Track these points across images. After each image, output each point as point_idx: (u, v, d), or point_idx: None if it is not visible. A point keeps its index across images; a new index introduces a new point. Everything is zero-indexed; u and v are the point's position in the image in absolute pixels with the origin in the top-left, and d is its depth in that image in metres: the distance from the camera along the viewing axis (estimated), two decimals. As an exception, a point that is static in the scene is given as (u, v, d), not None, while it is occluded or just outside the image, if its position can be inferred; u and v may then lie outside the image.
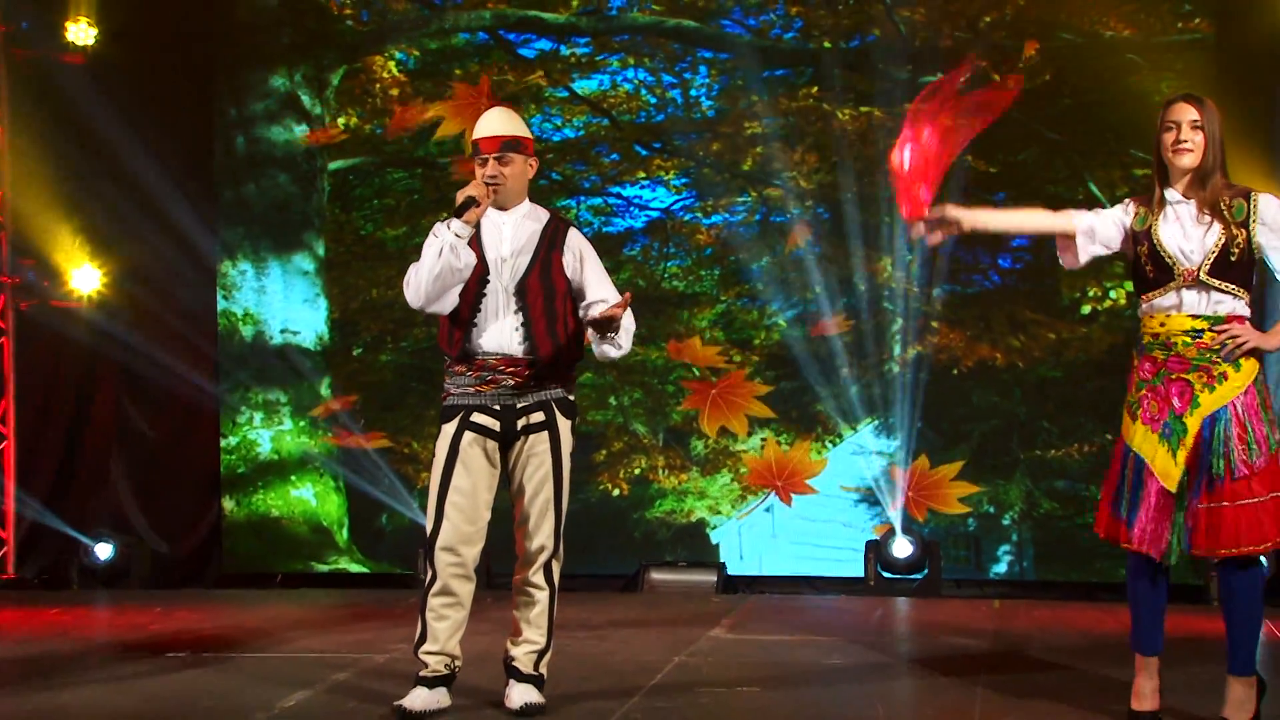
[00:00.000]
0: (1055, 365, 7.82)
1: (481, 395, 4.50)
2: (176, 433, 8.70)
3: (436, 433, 4.56)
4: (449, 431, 4.50)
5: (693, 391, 8.21)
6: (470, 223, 4.42)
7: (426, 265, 4.42)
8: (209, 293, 8.60)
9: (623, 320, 4.42)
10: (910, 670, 5.48)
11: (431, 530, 4.47)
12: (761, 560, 8.14)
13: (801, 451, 8.06)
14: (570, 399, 4.62)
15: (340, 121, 8.55)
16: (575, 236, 4.62)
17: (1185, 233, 4.17)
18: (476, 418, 4.49)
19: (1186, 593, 6.82)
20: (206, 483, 8.65)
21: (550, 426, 4.53)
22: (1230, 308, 4.15)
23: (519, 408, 4.50)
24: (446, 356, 4.60)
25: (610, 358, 4.54)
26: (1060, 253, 4.42)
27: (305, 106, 8.59)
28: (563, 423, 4.55)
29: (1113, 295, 7.65)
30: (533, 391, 4.51)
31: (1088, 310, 7.73)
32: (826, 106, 8.03)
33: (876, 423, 7.97)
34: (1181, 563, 4.28)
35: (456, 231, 4.39)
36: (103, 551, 8.31)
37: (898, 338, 7.94)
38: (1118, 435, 4.28)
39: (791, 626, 6.51)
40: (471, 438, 4.49)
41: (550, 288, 4.53)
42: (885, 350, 7.97)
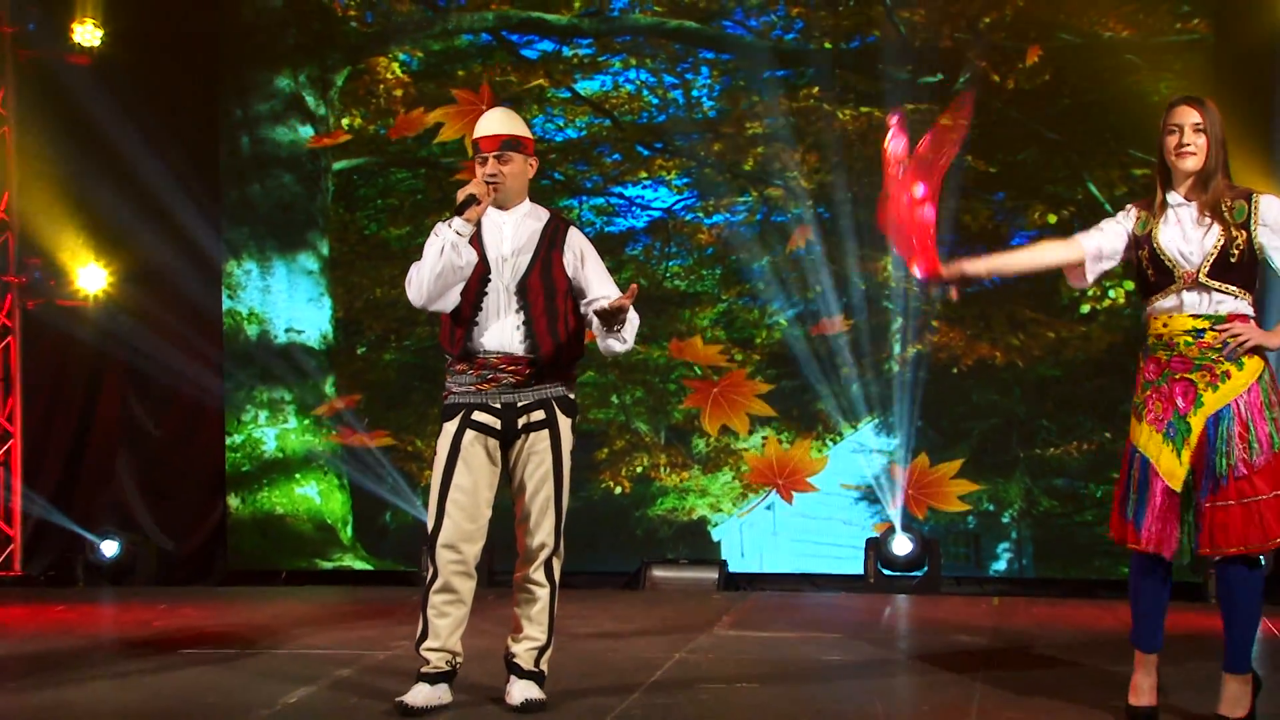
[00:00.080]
0: (1054, 364, 7.83)
1: (483, 393, 4.50)
2: (182, 431, 8.74)
3: (438, 431, 4.57)
4: (450, 430, 4.50)
5: (694, 390, 8.24)
6: (471, 221, 4.41)
7: (428, 263, 4.41)
8: (214, 292, 8.63)
9: (628, 315, 4.42)
10: (910, 666, 5.48)
11: (433, 528, 4.48)
12: (762, 558, 8.16)
13: (802, 450, 8.09)
14: (571, 397, 4.62)
15: (344, 122, 8.59)
16: (575, 235, 4.62)
17: (1185, 235, 4.17)
18: (478, 416, 4.49)
19: (1184, 590, 6.81)
20: (211, 481, 8.68)
21: (551, 424, 4.52)
22: (1232, 308, 4.15)
23: (520, 406, 4.50)
24: (448, 355, 4.60)
25: (615, 352, 4.53)
26: (1067, 275, 4.45)
27: (310, 107, 8.62)
28: (563, 421, 4.55)
29: (1112, 294, 7.67)
30: (533, 390, 4.51)
31: (1087, 309, 7.75)
32: (827, 107, 8.04)
33: (877, 421, 8.00)
34: (1179, 560, 4.30)
35: (457, 230, 4.38)
36: (108, 549, 8.34)
37: (898, 336, 7.95)
38: (1126, 438, 4.28)
39: (792, 623, 6.51)
40: (473, 436, 4.49)
41: (551, 286, 4.53)
42: (885, 349, 7.99)
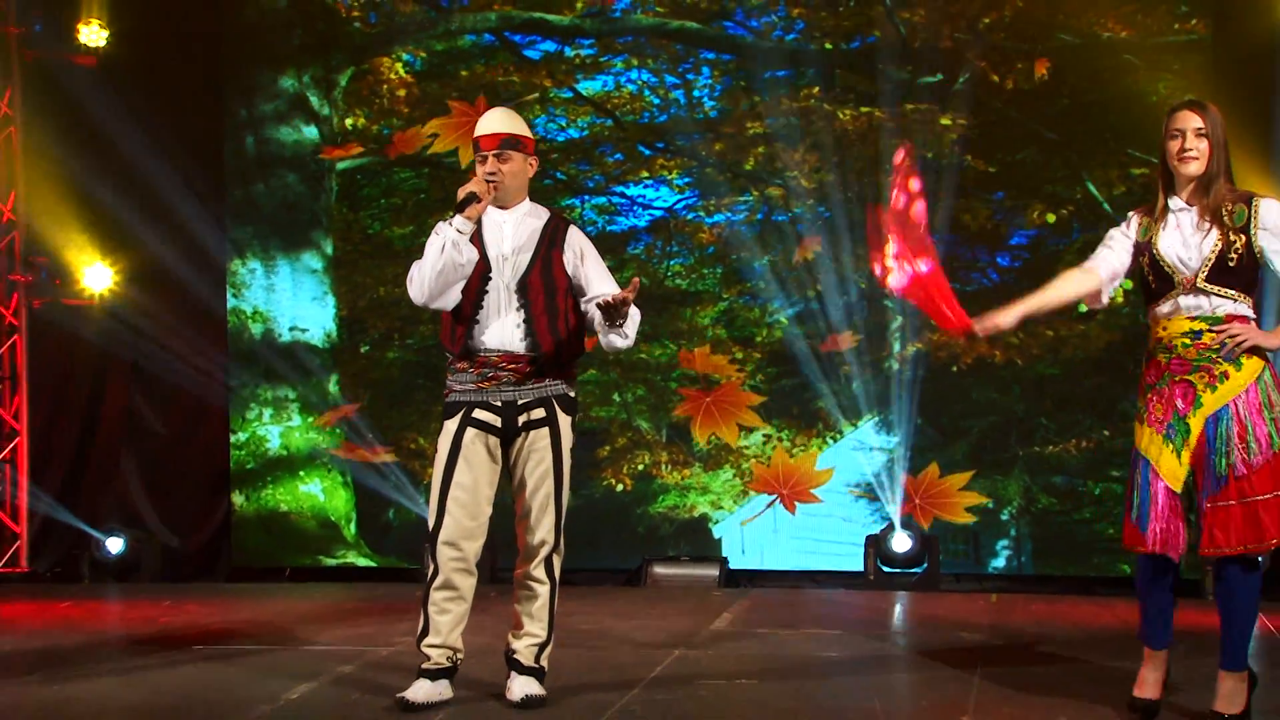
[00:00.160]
0: (1053, 362, 7.86)
1: (483, 391, 4.51)
2: (187, 429, 8.78)
3: (439, 429, 4.58)
4: (451, 428, 4.52)
5: (687, 399, 8.28)
6: (471, 219, 4.42)
7: (429, 262, 4.42)
8: (219, 291, 8.68)
9: (630, 310, 4.43)
10: (908, 663, 5.49)
11: (433, 525, 4.49)
12: (763, 555, 8.19)
13: (808, 462, 8.11)
14: (571, 395, 4.62)
15: (349, 122, 8.62)
16: (575, 234, 4.63)
17: (1184, 241, 4.19)
18: (478, 414, 4.51)
19: (1181, 586, 6.82)
20: (216, 478, 8.73)
21: (551, 422, 4.53)
22: (1230, 310, 4.16)
23: (520, 404, 4.51)
24: (449, 353, 4.61)
25: (617, 348, 4.53)
26: (1085, 300, 4.47)
27: (314, 107, 8.66)
28: (563, 419, 4.56)
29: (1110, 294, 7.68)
30: (534, 387, 4.52)
31: (1085, 308, 7.74)
32: (828, 107, 8.07)
33: (877, 419, 8.03)
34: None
35: (458, 228, 4.39)
36: (114, 546, 8.38)
37: (897, 335, 7.98)
38: (1131, 444, 4.29)
39: (792, 620, 6.52)
40: (473, 434, 4.50)
41: (551, 284, 4.54)
42: (885, 347, 8.01)
